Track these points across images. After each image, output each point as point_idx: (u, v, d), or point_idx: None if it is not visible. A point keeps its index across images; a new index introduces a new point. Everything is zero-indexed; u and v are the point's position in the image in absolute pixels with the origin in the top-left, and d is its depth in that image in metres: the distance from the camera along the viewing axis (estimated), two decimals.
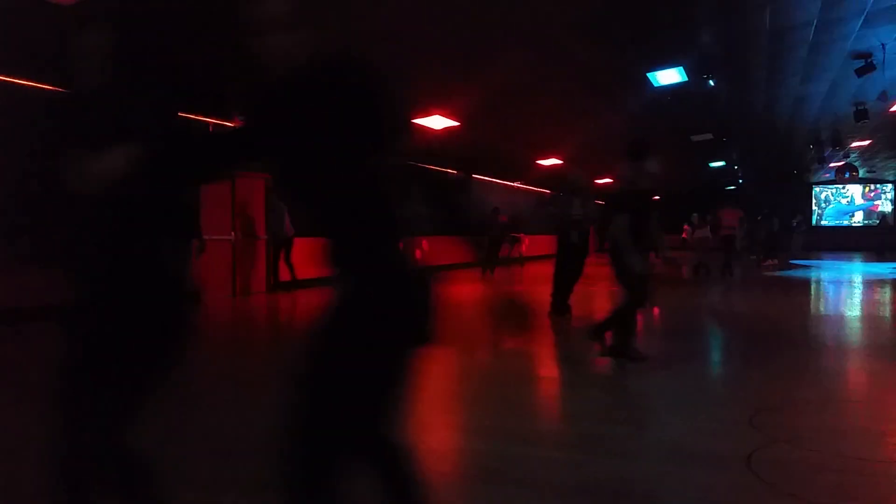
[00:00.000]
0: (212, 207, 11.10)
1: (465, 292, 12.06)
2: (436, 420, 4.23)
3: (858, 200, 34.65)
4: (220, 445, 3.53)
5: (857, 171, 25.41)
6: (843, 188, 34.68)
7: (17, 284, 8.10)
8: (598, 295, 11.21)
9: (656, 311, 9.84)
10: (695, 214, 16.67)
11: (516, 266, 20.23)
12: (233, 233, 11.58)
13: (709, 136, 17.05)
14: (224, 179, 10.28)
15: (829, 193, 35.36)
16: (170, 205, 2.10)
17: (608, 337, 5.49)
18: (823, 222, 35.12)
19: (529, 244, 25.98)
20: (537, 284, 13.74)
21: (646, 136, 5.60)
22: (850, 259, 23.83)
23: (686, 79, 10.97)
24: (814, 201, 35.21)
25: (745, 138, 18.88)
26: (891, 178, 33.06)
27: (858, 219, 34.66)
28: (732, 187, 32.11)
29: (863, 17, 8.91)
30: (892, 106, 13.42)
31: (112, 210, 1.98)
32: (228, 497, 2.80)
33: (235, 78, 9.51)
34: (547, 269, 18.33)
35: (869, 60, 10.44)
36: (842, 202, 35.11)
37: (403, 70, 9.89)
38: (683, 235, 28.45)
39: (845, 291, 12.63)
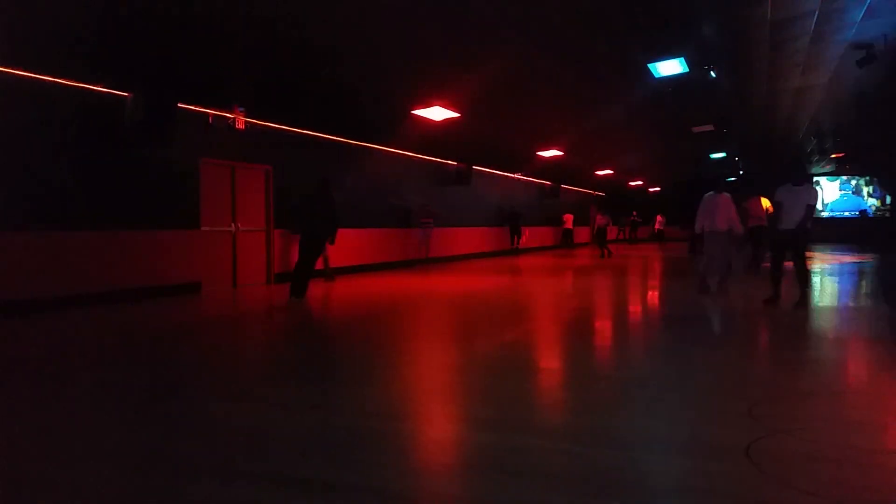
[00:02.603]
0: (212, 198, 11.10)
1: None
2: (438, 411, 4.25)
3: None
4: (221, 436, 3.55)
5: (858, 163, 25.40)
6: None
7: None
8: None
9: (657, 300, 9.84)
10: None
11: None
12: (233, 224, 11.57)
13: (710, 127, 17.03)
14: None
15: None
16: None
17: None
18: (824, 213, 35.19)
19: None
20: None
21: None
22: (842, 250, 23.78)
23: (687, 70, 10.94)
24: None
25: (746, 129, 18.85)
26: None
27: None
28: (733, 178, 32.07)
29: (865, 8, 8.87)
30: None
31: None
32: (225, 486, 2.81)
33: (236, 69, 9.49)
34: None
35: (870, 51, 10.41)
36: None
37: (404, 60, 9.87)
38: (657, 227, 29.12)
39: (847, 282, 12.64)
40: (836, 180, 34.55)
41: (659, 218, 31.43)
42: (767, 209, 13.24)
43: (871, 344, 6.34)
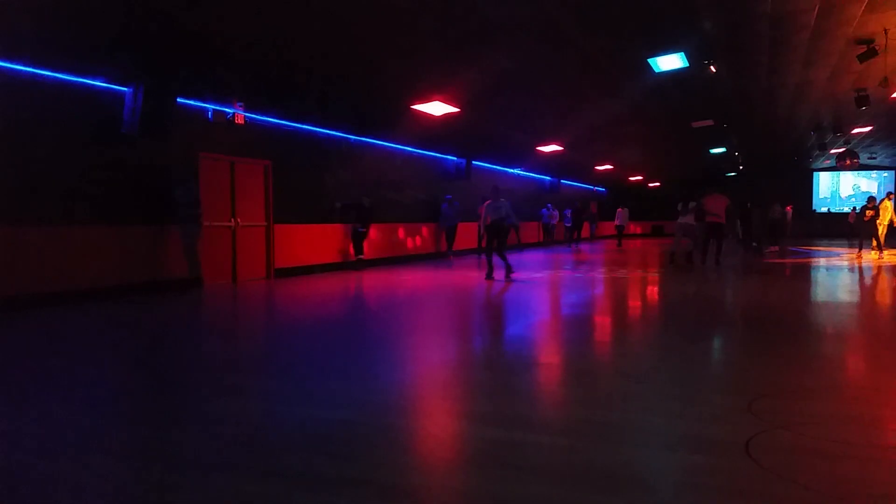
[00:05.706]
0: (212, 194, 11.08)
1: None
2: (436, 406, 4.25)
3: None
4: (220, 430, 3.55)
5: (858, 158, 25.39)
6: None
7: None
8: None
9: (655, 297, 9.84)
10: (680, 202, 16.74)
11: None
12: (233, 219, 11.56)
13: (709, 122, 17.01)
14: None
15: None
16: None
17: None
18: (823, 209, 35.24)
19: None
20: None
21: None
22: (842, 245, 23.76)
23: (687, 64, 10.91)
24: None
25: (746, 124, 18.82)
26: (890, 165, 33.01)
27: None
28: (733, 173, 32.05)
29: (865, 2, 8.84)
30: (894, 92, 13.35)
31: None
32: (222, 480, 2.81)
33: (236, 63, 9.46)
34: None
35: (871, 46, 10.38)
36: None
37: (404, 55, 9.84)
38: (617, 223, 27.60)
39: (847, 278, 12.63)
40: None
41: (619, 211, 26.59)
42: (728, 206, 14.51)
43: (870, 341, 6.34)
